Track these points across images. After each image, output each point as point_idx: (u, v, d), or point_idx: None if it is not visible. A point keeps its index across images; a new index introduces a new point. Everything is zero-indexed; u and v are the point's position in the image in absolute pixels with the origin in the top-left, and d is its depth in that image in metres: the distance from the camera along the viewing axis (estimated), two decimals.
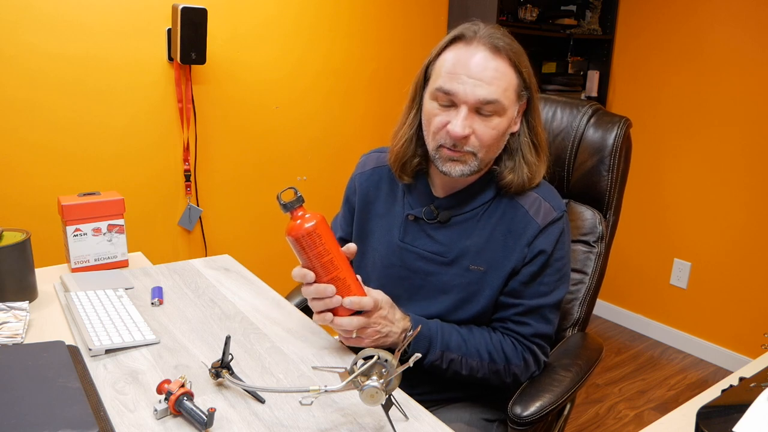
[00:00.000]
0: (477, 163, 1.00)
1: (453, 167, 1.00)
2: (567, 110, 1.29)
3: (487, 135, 0.97)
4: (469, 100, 0.95)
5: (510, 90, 0.98)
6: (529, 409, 0.98)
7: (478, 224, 1.05)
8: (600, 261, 1.24)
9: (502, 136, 1.00)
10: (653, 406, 2.31)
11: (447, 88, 0.96)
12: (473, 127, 0.96)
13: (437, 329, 1.01)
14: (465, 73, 0.95)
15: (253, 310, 1.17)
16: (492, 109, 0.96)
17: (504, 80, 0.96)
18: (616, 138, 1.22)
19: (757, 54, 2.38)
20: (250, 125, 2.22)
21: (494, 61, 0.96)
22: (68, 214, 1.27)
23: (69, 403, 0.75)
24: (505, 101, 0.97)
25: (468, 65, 0.95)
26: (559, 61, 2.96)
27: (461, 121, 0.95)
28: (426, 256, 1.07)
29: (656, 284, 2.86)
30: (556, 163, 1.29)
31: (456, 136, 0.96)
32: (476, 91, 0.94)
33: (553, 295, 1.05)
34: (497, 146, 1.01)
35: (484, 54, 0.95)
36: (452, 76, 0.96)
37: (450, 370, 1.01)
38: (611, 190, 1.24)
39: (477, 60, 0.95)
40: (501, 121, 0.98)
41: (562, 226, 1.06)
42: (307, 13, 2.25)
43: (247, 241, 2.32)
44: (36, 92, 1.79)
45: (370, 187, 1.18)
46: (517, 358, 1.03)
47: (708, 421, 0.73)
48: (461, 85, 0.95)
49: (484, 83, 0.94)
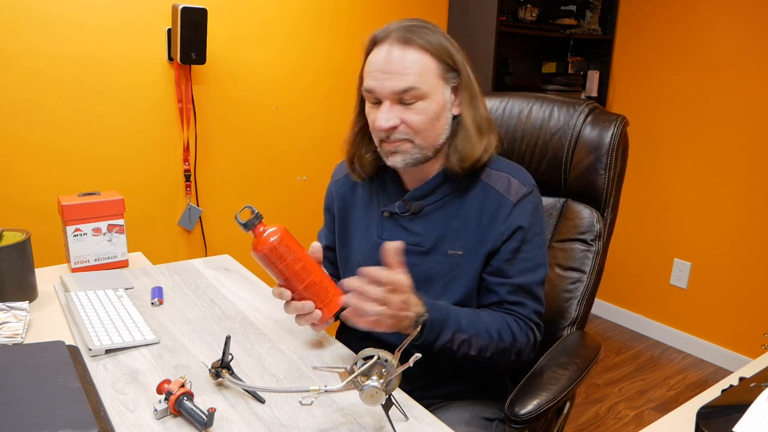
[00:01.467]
0: (417, 150, 1.03)
1: (395, 158, 1.05)
2: (563, 109, 1.29)
3: (416, 120, 1.01)
4: (386, 93, 1.00)
5: (427, 75, 1.01)
6: (527, 407, 0.98)
7: (450, 210, 1.08)
8: (598, 259, 1.24)
9: (437, 119, 1.03)
10: (653, 406, 2.31)
11: (368, 87, 1.03)
12: (400, 117, 1.01)
13: (448, 310, 1.01)
14: (379, 69, 1.01)
15: (253, 310, 1.17)
16: (412, 96, 1.00)
17: (416, 67, 1.00)
18: (613, 136, 1.22)
19: (757, 54, 2.38)
20: (250, 125, 2.22)
21: (403, 51, 1.00)
22: (68, 214, 1.27)
23: (69, 403, 0.75)
24: (423, 86, 1.00)
25: (380, 62, 1.01)
26: (559, 61, 2.96)
27: (384, 114, 1.01)
28: (405, 248, 1.09)
29: (656, 284, 2.86)
30: (553, 162, 1.29)
31: (381, 128, 1.02)
32: (389, 84, 1.00)
33: (539, 272, 1.08)
34: (434, 130, 1.04)
35: (392, 48, 1.01)
36: (371, 75, 1.03)
37: (460, 351, 1.01)
38: (608, 189, 1.24)
39: (386, 55, 1.01)
40: (427, 105, 1.01)
41: (535, 199, 1.09)
42: (307, 13, 2.25)
43: (247, 241, 2.31)
44: (36, 92, 1.79)
45: (346, 193, 1.21)
46: (522, 335, 1.05)
47: (708, 421, 0.73)
48: (377, 81, 1.01)
49: (397, 74, 0.99)
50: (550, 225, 1.31)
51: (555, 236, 1.30)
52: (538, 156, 1.31)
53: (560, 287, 1.26)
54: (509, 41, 2.76)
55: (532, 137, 1.32)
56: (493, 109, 1.38)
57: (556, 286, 1.26)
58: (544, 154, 1.30)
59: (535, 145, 1.31)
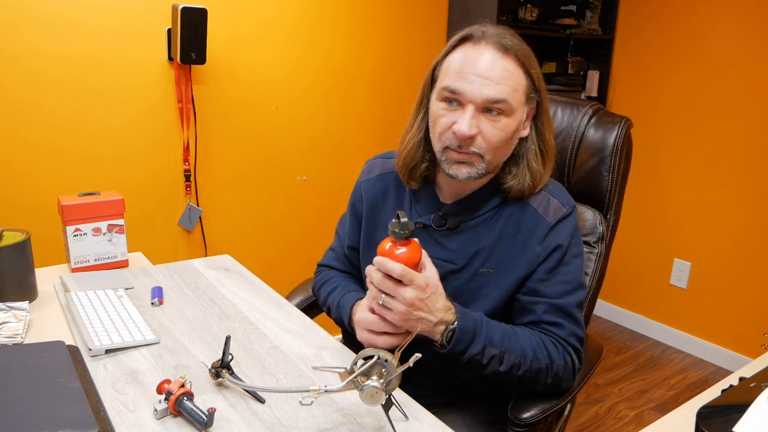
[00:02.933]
0: (484, 165, 0.98)
1: (459, 169, 0.98)
2: (568, 110, 1.29)
3: (495, 136, 0.96)
4: (477, 98, 0.94)
5: (519, 91, 0.96)
6: (529, 411, 0.98)
7: (487, 229, 1.04)
8: (600, 261, 1.24)
9: (510, 138, 0.98)
10: (653, 406, 2.31)
11: (454, 87, 0.95)
12: (480, 127, 0.95)
13: (482, 321, 0.96)
14: (473, 72, 0.94)
15: (253, 310, 1.17)
16: (500, 109, 0.94)
17: (513, 80, 0.95)
18: (617, 138, 1.21)
19: (757, 54, 2.38)
20: (250, 125, 2.22)
21: (503, 60, 0.94)
22: (68, 214, 1.27)
23: (69, 403, 0.75)
24: (513, 102, 0.95)
25: (476, 64, 0.94)
26: (559, 61, 2.96)
27: (468, 120, 0.94)
28: (436, 263, 1.04)
29: (656, 284, 2.86)
30: (557, 163, 1.28)
31: (462, 135, 0.94)
32: (484, 90, 0.93)
33: (578, 294, 1.03)
34: (505, 149, 1.00)
35: (493, 53, 0.94)
36: (460, 75, 0.95)
37: (489, 367, 0.96)
38: (612, 191, 1.24)
39: (485, 59, 0.94)
40: (509, 123, 0.96)
41: (574, 221, 1.04)
42: (307, 13, 2.25)
43: (247, 241, 2.32)
44: (36, 92, 1.79)
45: (377, 195, 1.15)
46: (559, 357, 0.99)
47: (708, 421, 0.73)
48: (469, 84, 0.94)
49: (492, 82, 0.93)
50: None
51: None
52: None
53: None
54: None
55: None
56: None
57: None
58: None
59: None
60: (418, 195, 1.10)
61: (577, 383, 1.07)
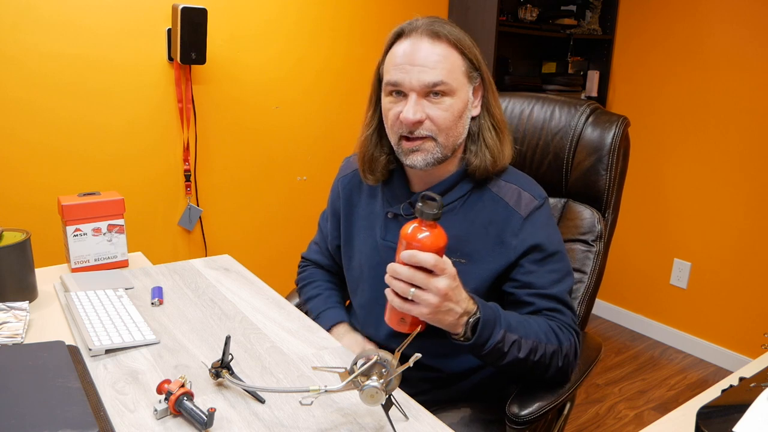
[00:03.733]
0: (439, 149, 1.01)
1: (415, 158, 1.01)
2: (565, 109, 1.29)
3: (441, 117, 0.99)
4: (415, 86, 0.98)
5: (456, 71, 1.00)
6: (527, 408, 0.98)
7: (457, 217, 1.06)
8: (599, 260, 1.24)
9: (459, 118, 1.02)
10: (653, 406, 2.31)
11: (394, 80, 1.00)
12: (426, 112, 0.99)
13: (497, 309, 0.96)
14: (408, 62, 0.98)
15: (253, 310, 1.17)
16: (440, 90, 0.98)
17: (447, 62, 0.99)
18: (615, 137, 1.22)
19: (757, 54, 2.38)
20: (250, 125, 2.22)
21: (434, 46, 0.99)
22: (68, 214, 1.27)
23: (69, 403, 0.75)
24: (452, 82, 0.99)
25: (410, 55, 0.99)
26: (559, 61, 2.96)
27: (412, 107, 0.98)
28: None
29: (656, 284, 2.86)
30: (555, 163, 1.29)
31: (408, 121, 0.98)
32: (421, 76, 0.97)
33: (567, 281, 1.06)
34: (456, 129, 1.02)
35: (424, 42, 0.99)
36: (397, 68, 0.99)
37: (509, 355, 0.95)
38: (610, 189, 1.24)
39: (418, 48, 0.99)
40: (453, 102, 1.00)
41: (547, 212, 1.07)
42: (307, 13, 2.25)
43: (247, 241, 2.32)
44: (36, 92, 1.79)
45: (353, 189, 1.19)
46: (565, 339, 1.01)
47: (708, 421, 0.73)
48: (406, 74, 0.98)
49: (428, 68, 0.97)
50: None
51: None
52: (539, 156, 1.31)
53: None
54: (509, 41, 2.76)
55: (533, 138, 1.32)
56: None
57: None
58: (545, 155, 1.30)
59: (537, 145, 1.31)
60: (391, 187, 1.13)
61: (576, 380, 1.08)
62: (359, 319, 1.18)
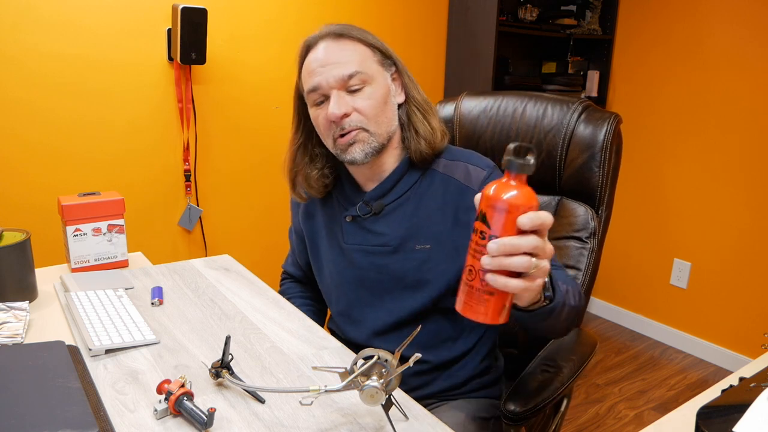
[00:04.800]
0: (373, 138, 1.03)
1: (354, 151, 1.03)
2: (557, 107, 1.29)
3: (367, 105, 1.01)
4: (332, 82, 1.00)
5: (367, 60, 1.03)
6: (523, 405, 0.98)
7: (412, 205, 1.07)
8: (593, 257, 1.24)
9: (384, 104, 1.04)
10: (653, 406, 2.31)
11: (312, 86, 1.02)
12: (350, 104, 1.01)
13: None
14: (319, 65, 1.01)
15: (253, 310, 1.17)
16: (358, 81, 1.01)
17: (355, 54, 1.02)
18: (606, 134, 1.22)
19: (757, 54, 2.38)
20: (250, 125, 2.22)
21: (339, 44, 1.02)
22: (68, 214, 1.27)
23: (69, 403, 0.75)
24: (367, 70, 1.02)
25: (319, 58, 1.02)
26: (559, 61, 2.96)
27: (335, 103, 1.00)
28: (371, 250, 1.09)
29: (656, 284, 2.86)
30: (548, 160, 1.29)
31: (335, 116, 1.00)
32: (334, 72, 1.00)
33: None
34: (384, 115, 1.04)
35: (329, 43, 1.03)
36: (312, 73, 1.02)
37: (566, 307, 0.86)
38: (603, 186, 1.24)
39: (324, 50, 1.02)
40: (374, 90, 1.02)
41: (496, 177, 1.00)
42: (307, 13, 2.25)
43: (247, 241, 2.32)
44: (36, 92, 1.79)
45: (309, 204, 1.21)
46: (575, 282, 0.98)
47: (708, 421, 0.73)
48: (320, 76, 1.01)
49: (340, 63, 1.00)
50: None
51: (550, 234, 1.30)
52: None
53: None
54: (509, 41, 2.76)
55: (526, 135, 1.32)
56: (488, 107, 1.38)
57: None
58: (538, 153, 1.30)
59: (529, 143, 1.31)
60: (342, 190, 1.15)
61: (570, 375, 1.08)
62: (339, 325, 1.19)
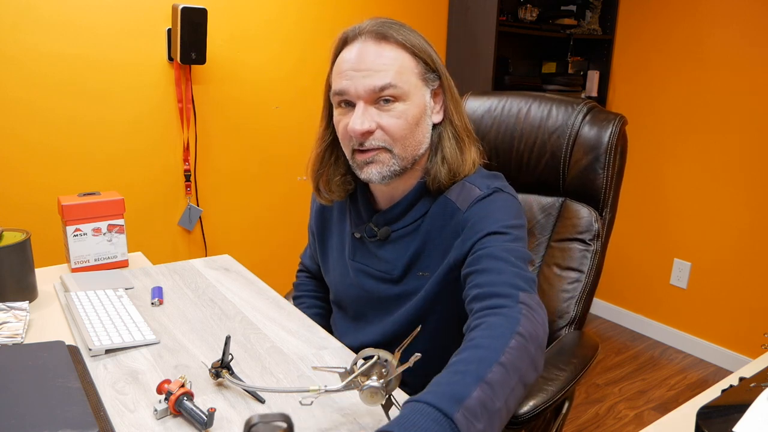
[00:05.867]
0: (396, 161, 0.93)
1: (370, 171, 0.93)
2: (562, 108, 1.29)
3: (394, 125, 0.91)
4: (361, 92, 0.90)
5: (406, 73, 0.91)
6: (524, 407, 0.98)
7: (417, 233, 0.99)
8: (596, 259, 1.24)
9: (416, 125, 0.93)
10: (653, 406, 2.31)
11: (339, 89, 0.92)
12: (376, 120, 0.91)
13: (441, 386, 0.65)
14: (352, 68, 0.90)
15: (253, 310, 1.17)
16: (390, 95, 0.90)
17: (395, 63, 0.90)
18: (612, 135, 1.22)
19: (757, 54, 2.38)
20: (250, 125, 2.22)
21: (379, 47, 0.91)
22: (68, 214, 1.27)
23: (69, 403, 0.75)
24: (403, 85, 0.90)
25: (352, 60, 0.91)
26: (559, 61, 2.96)
27: (359, 116, 0.90)
28: (375, 274, 1.04)
29: (656, 284, 2.86)
30: (552, 162, 1.29)
31: (355, 132, 0.90)
32: (365, 81, 0.89)
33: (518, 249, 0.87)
34: (414, 138, 0.93)
35: (368, 45, 0.91)
36: (342, 75, 0.92)
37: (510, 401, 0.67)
38: (607, 188, 1.24)
39: (361, 52, 0.91)
40: (407, 108, 0.91)
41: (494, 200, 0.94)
42: (307, 13, 2.25)
43: (247, 241, 2.32)
44: (36, 92, 1.79)
45: (325, 206, 1.16)
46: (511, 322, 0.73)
47: (708, 421, 0.73)
48: (350, 81, 0.90)
49: (372, 71, 0.89)
50: (548, 225, 1.31)
51: (553, 236, 1.30)
52: (536, 155, 1.31)
53: (558, 287, 1.26)
54: (509, 41, 2.76)
55: (530, 136, 1.31)
56: (491, 108, 1.38)
57: (554, 285, 1.26)
58: (542, 154, 1.30)
59: (534, 144, 1.31)
60: (356, 205, 1.07)
61: (572, 378, 1.08)
62: (338, 329, 1.18)
